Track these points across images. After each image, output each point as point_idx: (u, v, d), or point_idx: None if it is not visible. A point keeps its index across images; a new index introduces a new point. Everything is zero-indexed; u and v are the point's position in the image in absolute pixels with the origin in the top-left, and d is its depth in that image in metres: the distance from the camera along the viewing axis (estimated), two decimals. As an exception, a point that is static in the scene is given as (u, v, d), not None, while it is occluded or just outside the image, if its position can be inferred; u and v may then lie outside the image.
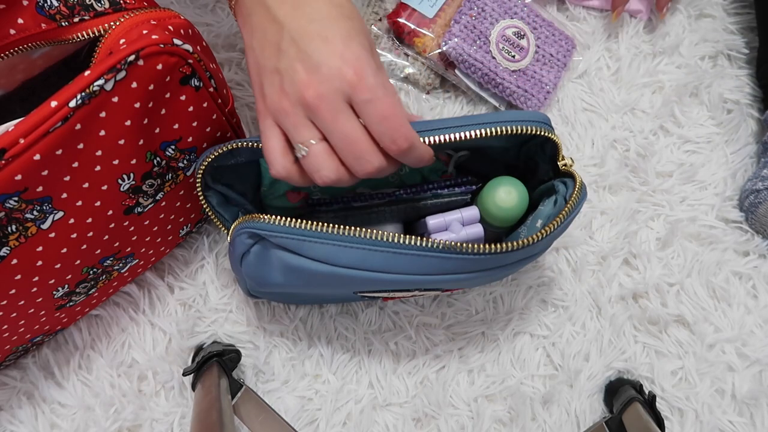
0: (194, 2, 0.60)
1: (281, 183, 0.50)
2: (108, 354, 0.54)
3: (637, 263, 0.59)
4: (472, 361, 0.56)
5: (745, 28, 0.64)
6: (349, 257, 0.39)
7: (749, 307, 0.58)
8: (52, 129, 0.34)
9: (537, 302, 0.58)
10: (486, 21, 0.57)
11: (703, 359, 0.57)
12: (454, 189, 0.45)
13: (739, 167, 0.61)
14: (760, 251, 0.59)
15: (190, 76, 0.39)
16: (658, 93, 0.63)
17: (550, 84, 0.59)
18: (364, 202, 0.44)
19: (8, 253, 0.37)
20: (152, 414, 0.53)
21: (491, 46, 0.57)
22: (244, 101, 0.59)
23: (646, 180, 0.60)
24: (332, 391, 0.55)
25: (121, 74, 0.35)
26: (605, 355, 0.57)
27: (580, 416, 0.56)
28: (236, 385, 0.52)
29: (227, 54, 0.59)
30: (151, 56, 0.35)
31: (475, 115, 0.41)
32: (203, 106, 0.41)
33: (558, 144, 0.42)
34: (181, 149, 0.43)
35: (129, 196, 0.41)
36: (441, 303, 0.57)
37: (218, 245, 0.56)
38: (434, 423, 0.55)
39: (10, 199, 0.34)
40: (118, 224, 0.42)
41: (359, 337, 0.56)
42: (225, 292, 0.56)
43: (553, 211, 0.42)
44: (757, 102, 0.63)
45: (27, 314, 0.44)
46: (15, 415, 0.52)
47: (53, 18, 0.37)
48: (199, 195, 0.43)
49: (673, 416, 0.56)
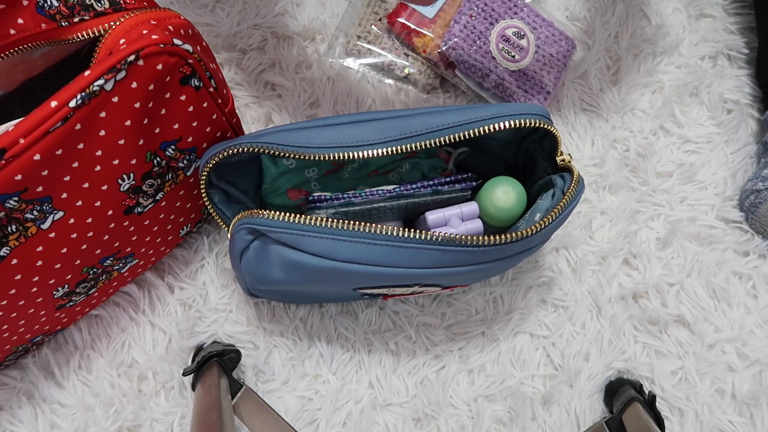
0: (194, 2, 0.60)
1: (282, 181, 0.50)
2: (108, 354, 0.54)
3: (637, 263, 0.59)
4: (472, 361, 0.56)
5: (745, 28, 0.64)
6: (348, 252, 0.39)
7: (749, 307, 0.58)
8: (52, 129, 0.34)
9: (537, 302, 0.58)
10: (486, 21, 0.57)
11: (703, 359, 0.57)
12: (454, 185, 0.45)
13: (739, 167, 0.61)
14: (760, 251, 0.59)
15: (190, 76, 0.39)
16: (658, 93, 0.63)
17: (550, 84, 0.59)
18: (365, 199, 0.44)
19: (8, 253, 0.37)
20: (152, 414, 0.53)
21: (491, 46, 0.57)
22: (244, 101, 0.59)
23: (646, 180, 0.60)
24: (332, 391, 0.55)
25: (121, 74, 0.35)
26: (605, 355, 0.57)
27: (580, 416, 0.56)
28: (236, 385, 0.52)
29: (227, 54, 0.59)
30: (151, 56, 0.35)
31: (476, 107, 0.41)
32: (203, 106, 0.41)
33: (557, 137, 0.43)
34: (181, 149, 0.43)
35: (129, 196, 0.41)
36: (441, 303, 0.57)
37: (218, 245, 0.56)
38: (434, 423, 0.55)
39: (10, 199, 0.34)
40: (118, 224, 0.42)
41: (359, 337, 0.56)
42: (225, 292, 0.56)
43: (551, 204, 0.42)
44: (757, 102, 0.63)
45: (27, 314, 0.44)
46: (15, 415, 0.52)
47: (53, 18, 0.37)
48: (202, 192, 0.43)
49: (673, 416, 0.56)
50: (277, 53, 0.60)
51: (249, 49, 0.60)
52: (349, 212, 0.44)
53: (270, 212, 0.40)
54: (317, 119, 0.42)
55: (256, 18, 0.60)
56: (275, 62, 0.60)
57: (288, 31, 0.60)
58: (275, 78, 0.59)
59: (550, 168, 0.46)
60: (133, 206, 0.43)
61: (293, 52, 0.60)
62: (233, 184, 0.46)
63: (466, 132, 0.40)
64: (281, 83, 0.59)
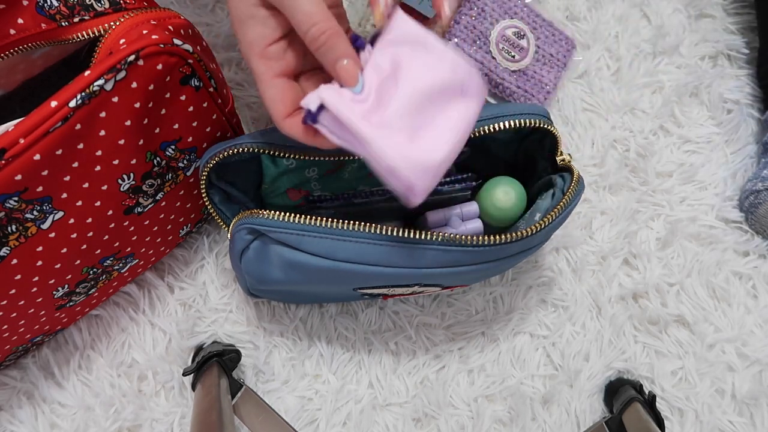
0: (194, 2, 0.60)
1: (282, 181, 0.50)
2: (108, 354, 0.54)
3: (637, 263, 0.59)
4: (472, 361, 0.56)
5: (745, 28, 0.64)
6: (348, 251, 0.39)
7: (749, 307, 0.58)
8: (52, 129, 0.34)
9: (537, 302, 0.58)
10: (486, 21, 0.57)
11: (703, 359, 0.57)
12: (454, 185, 0.45)
13: (739, 167, 0.61)
14: (760, 251, 0.59)
15: (190, 76, 0.39)
16: (658, 93, 0.63)
17: (550, 84, 0.59)
18: (365, 198, 0.44)
19: (8, 253, 0.37)
20: (152, 414, 0.53)
21: (491, 46, 0.57)
22: (244, 101, 0.59)
23: (646, 180, 0.60)
24: (332, 391, 0.55)
25: (121, 74, 0.35)
26: (605, 355, 0.57)
27: (580, 416, 0.56)
28: (236, 385, 0.52)
29: (227, 54, 0.59)
30: (151, 56, 0.35)
31: None
32: (203, 106, 0.41)
33: (557, 137, 0.43)
34: (181, 149, 0.43)
35: (129, 196, 0.41)
36: (441, 303, 0.57)
37: (218, 245, 0.56)
38: (434, 423, 0.55)
39: (10, 199, 0.34)
40: (118, 224, 0.42)
41: (359, 337, 0.56)
42: (225, 292, 0.56)
43: (551, 204, 0.42)
44: (757, 102, 0.63)
45: (27, 314, 0.44)
46: (15, 415, 0.52)
47: (53, 18, 0.37)
48: (202, 192, 0.43)
49: (673, 416, 0.56)
50: (277, 53, 0.60)
51: (249, 49, 0.60)
52: (349, 212, 0.44)
53: (270, 212, 0.40)
54: (317, 119, 0.42)
55: (256, 18, 0.60)
56: (275, 62, 0.60)
57: (288, 31, 0.60)
58: (275, 78, 0.59)
59: (550, 168, 0.46)
60: (133, 206, 0.43)
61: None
62: (233, 184, 0.46)
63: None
64: (281, 83, 0.59)
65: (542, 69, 0.59)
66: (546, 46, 0.60)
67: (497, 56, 0.57)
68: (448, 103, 0.34)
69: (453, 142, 0.34)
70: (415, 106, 0.33)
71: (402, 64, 0.34)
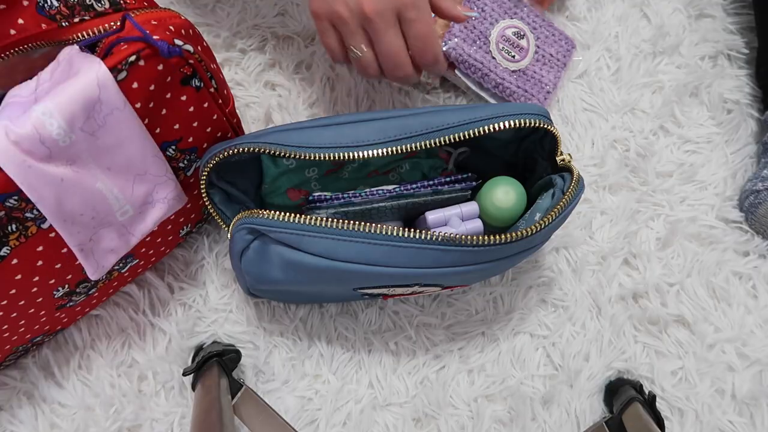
0: (194, 2, 0.60)
1: (282, 181, 0.50)
2: (108, 354, 0.54)
3: (637, 263, 0.59)
4: (472, 361, 0.56)
5: (745, 28, 0.64)
6: (348, 251, 0.39)
7: (749, 307, 0.58)
8: (52, 129, 0.33)
9: (537, 302, 0.58)
10: (486, 21, 0.57)
11: (703, 359, 0.57)
12: (455, 185, 0.45)
13: (739, 167, 0.61)
14: (760, 251, 0.59)
15: (190, 77, 0.39)
16: (658, 93, 0.63)
17: (550, 84, 0.59)
18: (365, 199, 0.44)
19: (8, 252, 0.37)
20: (152, 414, 0.53)
21: (491, 46, 0.57)
22: (244, 101, 0.59)
23: (646, 180, 0.60)
24: (332, 391, 0.55)
25: (122, 74, 0.35)
26: (605, 355, 0.57)
27: (580, 416, 0.56)
28: (236, 385, 0.52)
29: (227, 54, 0.59)
30: (151, 56, 0.35)
31: (476, 107, 0.41)
32: (204, 106, 0.41)
33: (557, 137, 0.43)
34: (182, 149, 0.43)
35: (129, 196, 0.41)
36: (441, 303, 0.57)
37: (218, 245, 0.56)
38: (434, 423, 0.55)
39: (10, 198, 0.34)
40: (119, 224, 0.42)
41: (359, 337, 0.56)
42: (225, 292, 0.56)
43: (551, 204, 0.42)
44: (757, 102, 0.63)
45: (27, 314, 0.44)
46: (15, 415, 0.52)
47: (53, 18, 0.37)
48: (202, 192, 0.43)
49: (673, 416, 0.56)
50: (277, 53, 0.60)
51: (249, 49, 0.60)
52: (349, 212, 0.44)
53: (270, 212, 0.40)
54: (317, 119, 0.42)
55: (256, 18, 0.60)
56: (275, 62, 0.60)
57: (288, 31, 0.60)
58: (275, 78, 0.59)
59: (550, 168, 0.46)
60: (134, 206, 0.42)
61: (293, 52, 0.60)
62: (233, 184, 0.46)
63: (466, 132, 0.41)
64: (281, 83, 0.59)
65: (542, 69, 0.59)
66: (546, 46, 0.60)
67: (497, 56, 0.57)
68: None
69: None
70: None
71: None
